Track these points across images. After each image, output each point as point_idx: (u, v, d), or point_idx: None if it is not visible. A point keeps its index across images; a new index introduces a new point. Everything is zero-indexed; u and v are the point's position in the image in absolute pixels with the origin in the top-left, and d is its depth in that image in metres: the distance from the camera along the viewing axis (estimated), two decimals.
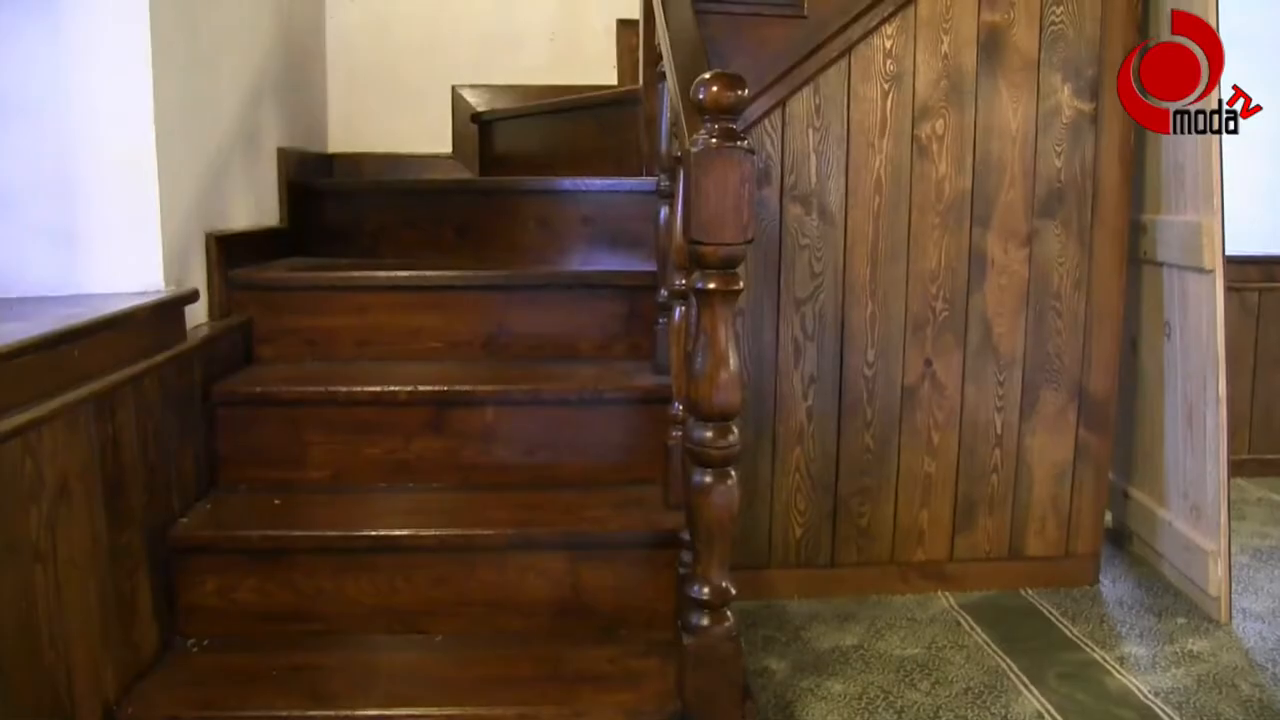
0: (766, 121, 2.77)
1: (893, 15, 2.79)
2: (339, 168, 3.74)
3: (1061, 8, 2.87)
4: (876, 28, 2.79)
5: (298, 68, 3.41)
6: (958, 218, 2.90)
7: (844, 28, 2.77)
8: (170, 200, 2.26)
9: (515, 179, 3.09)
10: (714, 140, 1.60)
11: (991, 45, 2.86)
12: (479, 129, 3.65)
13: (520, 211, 2.83)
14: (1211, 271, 2.81)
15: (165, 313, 2.15)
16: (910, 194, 2.87)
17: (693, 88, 1.64)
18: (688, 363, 1.78)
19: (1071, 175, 2.93)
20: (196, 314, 2.40)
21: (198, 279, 2.43)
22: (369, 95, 3.81)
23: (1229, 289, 2.85)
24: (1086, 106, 2.91)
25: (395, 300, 2.61)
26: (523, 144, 3.46)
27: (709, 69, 1.71)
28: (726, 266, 1.64)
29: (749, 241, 1.62)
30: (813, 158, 2.82)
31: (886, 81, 2.83)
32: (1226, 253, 2.81)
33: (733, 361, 1.67)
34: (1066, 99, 2.91)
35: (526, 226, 2.82)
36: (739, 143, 1.60)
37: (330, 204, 3.12)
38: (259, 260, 2.79)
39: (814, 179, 2.83)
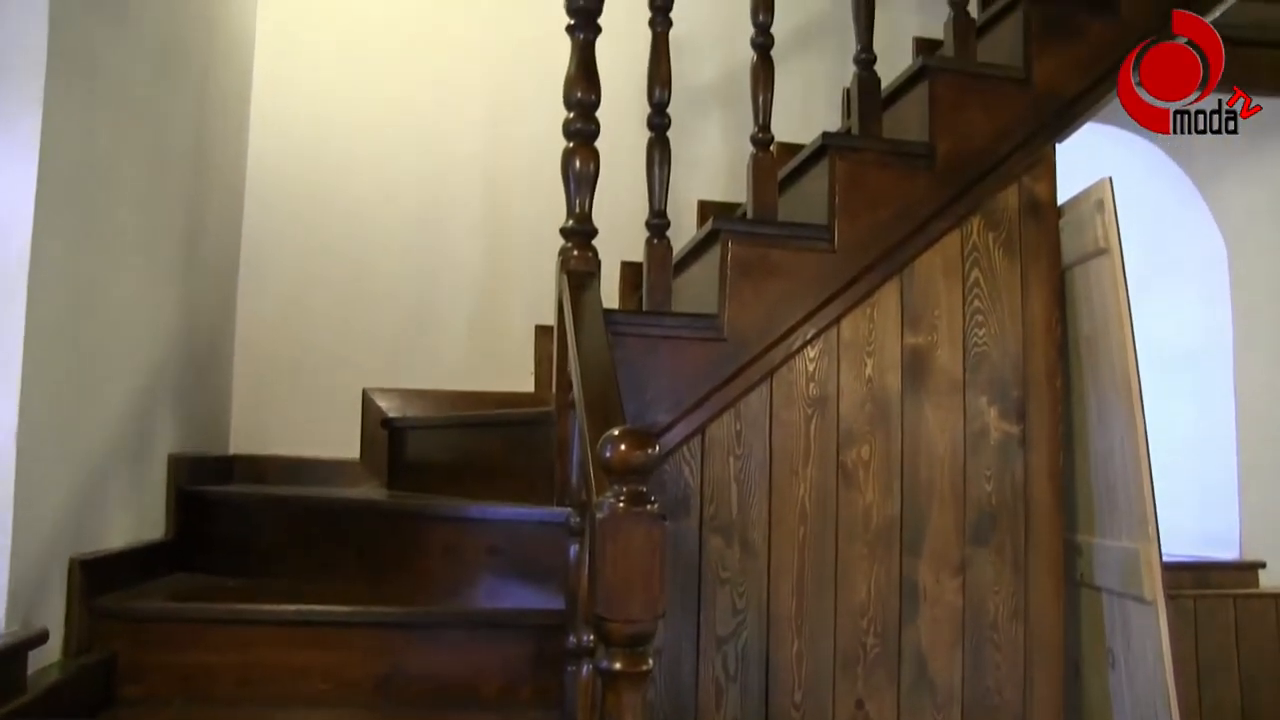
0: (685, 449, 2.65)
1: (815, 338, 2.75)
2: (239, 470, 3.55)
3: (984, 330, 2.86)
4: (799, 350, 2.74)
5: (202, 365, 3.27)
6: (887, 546, 2.76)
7: (765, 350, 2.70)
8: (27, 527, 2.05)
9: (422, 503, 2.92)
10: (621, 504, 1.46)
11: (916, 367, 2.82)
12: (389, 434, 3.51)
13: (426, 538, 2.65)
14: (1153, 603, 2.70)
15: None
16: (837, 522, 2.73)
17: (599, 444, 1.50)
18: None
19: (1003, 498, 2.83)
20: (48, 653, 2.15)
21: (53, 611, 2.19)
22: (277, 394, 3.67)
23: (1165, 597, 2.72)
24: (1014, 428, 2.86)
25: (282, 635, 2.37)
26: (434, 453, 3.32)
27: (620, 413, 1.60)
28: (634, 645, 1.46)
29: (659, 617, 1.45)
30: (734, 486, 2.68)
31: (810, 406, 2.75)
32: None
33: None
34: (994, 420, 2.85)
35: (431, 553, 2.63)
36: (649, 506, 1.46)
37: (224, 516, 2.91)
38: (135, 581, 2.56)
39: (735, 508, 2.68)
